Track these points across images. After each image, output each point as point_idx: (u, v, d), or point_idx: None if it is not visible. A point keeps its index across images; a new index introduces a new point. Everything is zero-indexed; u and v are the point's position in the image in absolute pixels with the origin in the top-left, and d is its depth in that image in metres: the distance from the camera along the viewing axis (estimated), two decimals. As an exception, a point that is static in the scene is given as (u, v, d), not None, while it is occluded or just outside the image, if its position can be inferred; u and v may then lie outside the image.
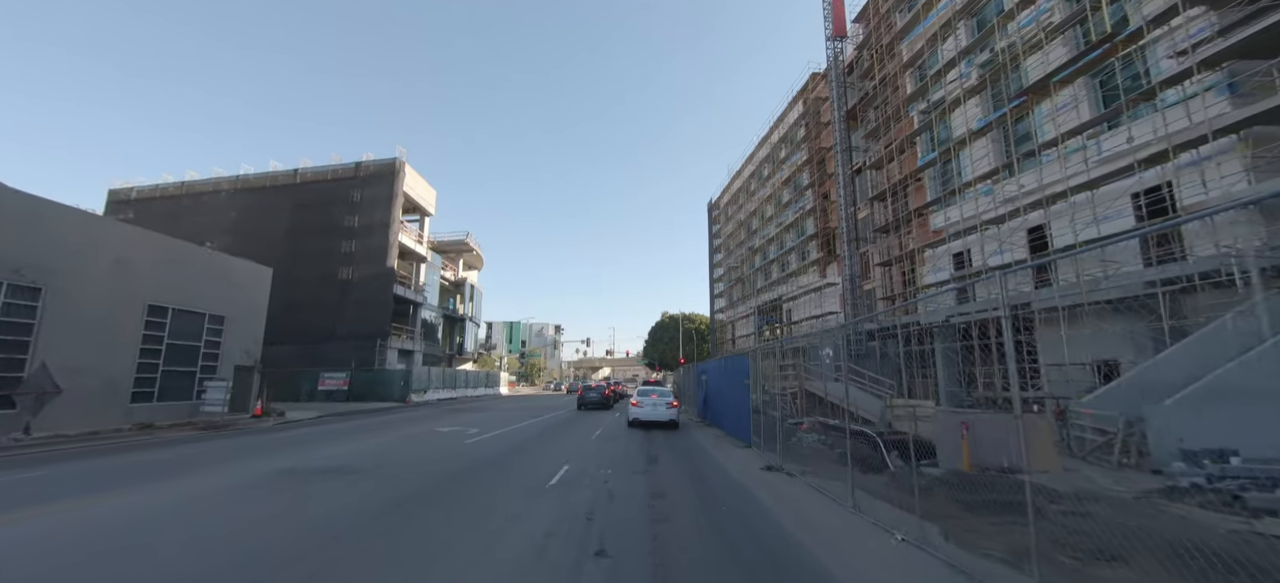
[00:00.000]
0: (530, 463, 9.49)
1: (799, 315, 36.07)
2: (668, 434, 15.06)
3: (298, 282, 34.09)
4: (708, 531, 5.63)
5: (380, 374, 31.62)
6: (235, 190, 37.32)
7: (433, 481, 7.77)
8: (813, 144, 34.30)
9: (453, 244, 51.07)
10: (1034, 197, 17.34)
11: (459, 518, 5.86)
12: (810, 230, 34.32)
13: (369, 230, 33.67)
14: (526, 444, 12.19)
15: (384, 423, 18.47)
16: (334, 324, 32.98)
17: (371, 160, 35.04)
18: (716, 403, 15.60)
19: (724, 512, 6.42)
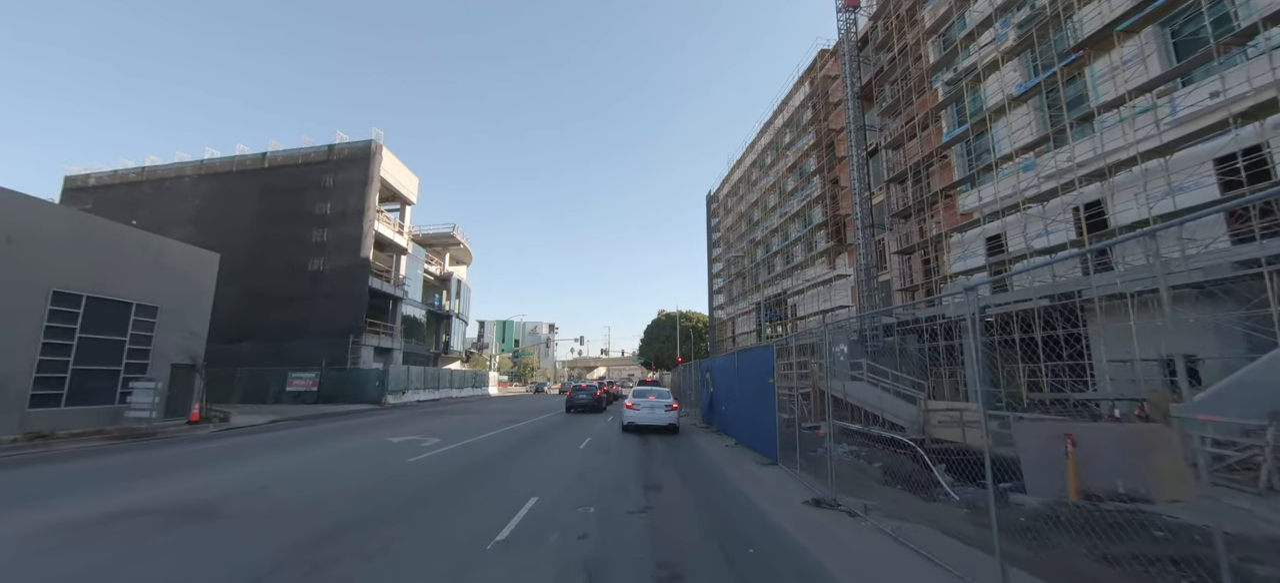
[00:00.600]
0: (484, 496, 7.04)
1: (805, 310, 33.76)
2: (669, 443, 12.66)
3: (265, 273, 31.51)
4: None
5: (353, 374, 29.06)
6: (199, 176, 34.63)
7: (319, 531, 5.27)
8: (820, 127, 31.97)
9: (438, 237, 48.53)
10: (1091, 167, 15.05)
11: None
12: (818, 219, 32.02)
13: (342, 218, 31.08)
14: (491, 462, 9.74)
15: (338, 430, 15.97)
16: (304, 319, 30.39)
17: (346, 142, 32.44)
18: (728, 407, 13.38)
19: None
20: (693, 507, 6.67)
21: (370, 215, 30.88)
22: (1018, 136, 17.70)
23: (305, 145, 33.09)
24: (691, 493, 7.43)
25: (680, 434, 14.77)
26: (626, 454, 10.73)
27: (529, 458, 10.20)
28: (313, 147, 32.93)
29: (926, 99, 22.46)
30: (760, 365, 10.05)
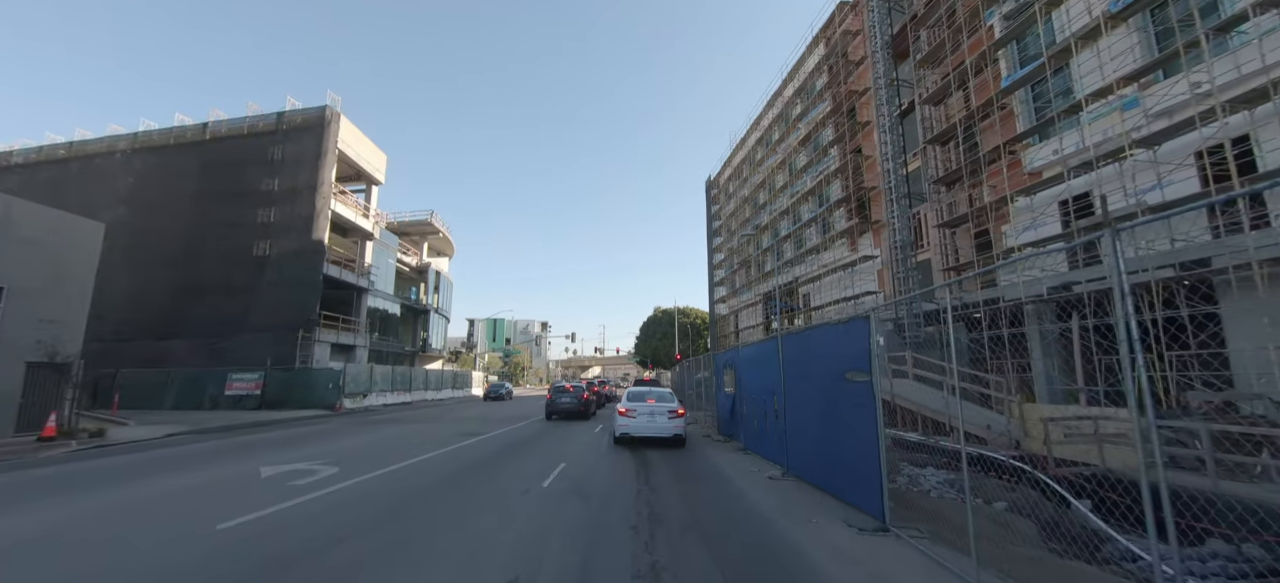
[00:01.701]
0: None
1: (821, 300, 30.00)
2: (681, 471, 8.76)
3: (204, 260, 27.44)
4: None
5: (303, 374, 25.01)
6: (133, 151, 30.45)
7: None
8: (838, 91, 28.17)
9: (414, 225, 44.50)
10: (1233, 93, 11.29)
11: None
12: (835, 195, 28.22)
13: (292, 195, 27.01)
14: (384, 522, 5.76)
15: (230, 448, 12.00)
16: (246, 312, 26.32)
17: (298, 110, 28.36)
18: (766, 419, 9.21)
19: None
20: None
21: (325, 191, 26.82)
22: (1111, 68, 13.94)
23: (252, 114, 28.95)
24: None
25: (691, 452, 10.94)
26: (614, 503, 6.69)
27: (445, 517, 6.04)
28: (260, 115, 28.81)
29: (978, 39, 18.68)
30: (842, 351, 5.99)
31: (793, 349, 7.65)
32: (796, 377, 7.38)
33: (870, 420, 5.44)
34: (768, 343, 8.80)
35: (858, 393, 5.64)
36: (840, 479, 6.32)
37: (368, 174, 32.57)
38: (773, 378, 8.30)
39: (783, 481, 7.67)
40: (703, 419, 17.49)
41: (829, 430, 6.42)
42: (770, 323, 36.73)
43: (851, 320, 5.85)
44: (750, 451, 10.30)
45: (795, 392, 7.48)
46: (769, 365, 8.54)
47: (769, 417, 8.69)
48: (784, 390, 7.74)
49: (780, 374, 7.92)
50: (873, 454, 5.44)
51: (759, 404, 9.35)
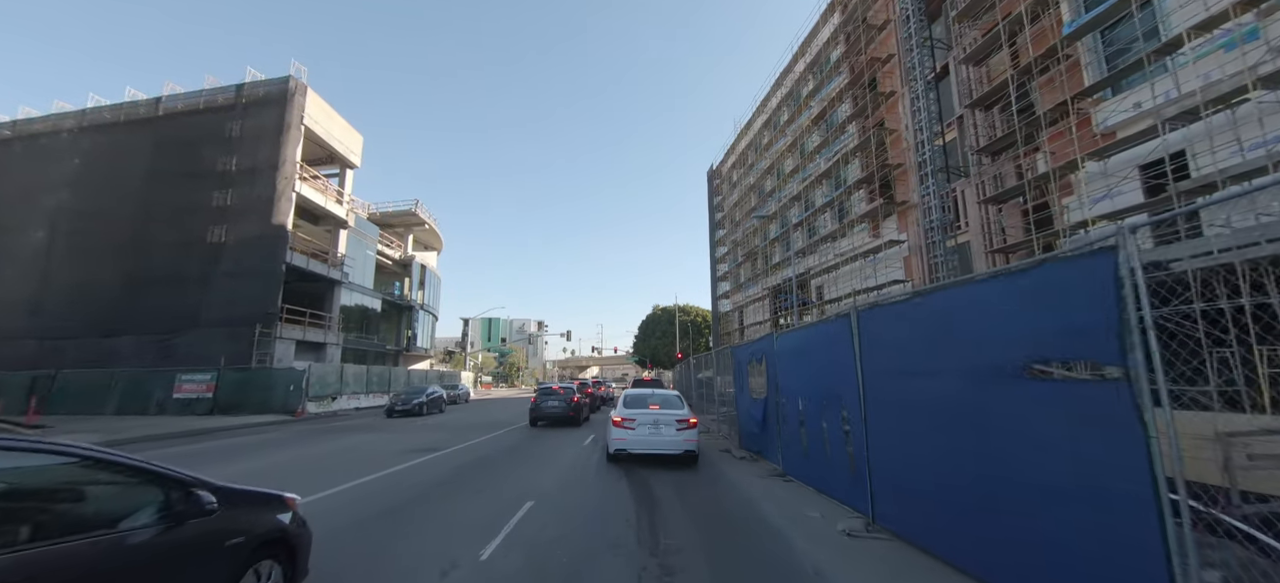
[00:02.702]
0: None
1: (836, 292, 27.38)
2: (706, 520, 5.85)
3: (154, 248, 24.70)
4: None
5: (260, 375, 22.27)
6: (80, 129, 27.66)
7: None
8: (857, 61, 25.55)
9: (398, 216, 41.82)
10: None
11: None
12: (854, 177, 25.59)
13: (251, 176, 24.27)
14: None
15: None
16: (198, 306, 23.57)
17: (259, 81, 25.62)
18: (834, 441, 6.11)
19: None
20: None
21: (287, 171, 24.07)
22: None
23: (210, 87, 26.18)
24: None
25: (711, 477, 8.30)
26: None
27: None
28: (218, 88, 26.05)
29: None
30: (1023, 323, 3.38)
31: (886, 328, 4.83)
32: (894, 373, 4.67)
33: (1132, 465, 2.72)
34: (828, 325, 6.11)
35: (1082, 402, 3.04)
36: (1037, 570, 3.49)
37: (341, 156, 29.82)
38: (836, 376, 5.66)
39: (871, 539, 4.92)
40: (713, 427, 14.82)
41: (995, 472, 3.65)
42: (778, 319, 34.11)
43: (1063, 262, 3.13)
44: (791, 476, 7.60)
45: (891, 398, 4.76)
46: (829, 358, 5.90)
47: (830, 435, 6.06)
48: (862, 396, 5.14)
49: (856, 370, 5.25)
50: (1140, 538, 2.69)
51: (810, 414, 6.70)
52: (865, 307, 5.13)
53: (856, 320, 5.33)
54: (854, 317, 5.33)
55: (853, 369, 5.34)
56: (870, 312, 5.04)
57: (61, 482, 2.56)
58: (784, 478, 7.76)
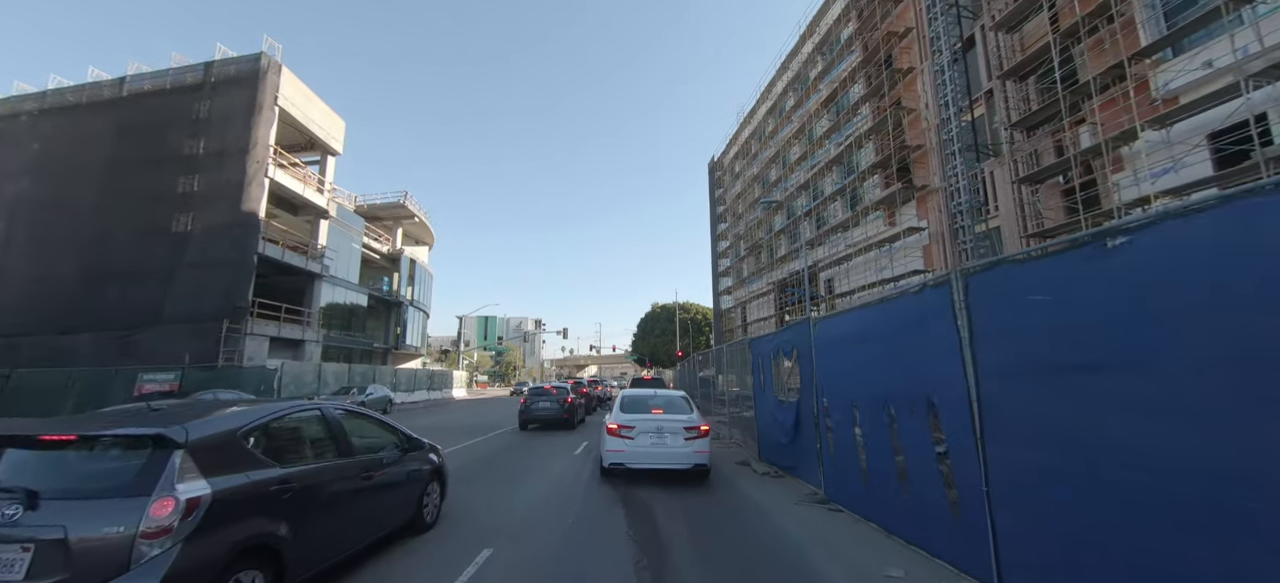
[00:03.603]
0: None
1: (847, 286, 25.79)
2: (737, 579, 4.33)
3: (116, 238, 22.97)
4: None
5: (227, 374, 20.55)
6: (41, 112, 25.85)
7: None
8: (871, 37, 23.92)
9: (386, 208, 40.07)
10: None
11: None
12: (867, 161, 23.95)
13: (219, 160, 22.53)
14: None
15: None
16: (162, 300, 21.84)
17: (229, 58, 23.85)
18: (922, 463, 4.30)
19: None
20: None
21: (258, 154, 22.34)
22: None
23: (176, 65, 24.41)
24: None
25: (729, 500, 6.68)
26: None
27: None
28: (186, 66, 24.28)
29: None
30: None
31: (1032, 295, 3.10)
32: (1052, 368, 2.99)
33: None
34: (905, 303, 4.55)
35: None
36: None
37: (322, 142, 28.07)
38: (920, 374, 4.09)
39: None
40: (723, 432, 13.15)
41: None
42: (784, 315, 32.49)
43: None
44: (839, 505, 5.81)
45: (1041, 407, 3.06)
46: (908, 348, 4.33)
47: (910, 456, 4.37)
48: (973, 403, 3.48)
49: (962, 364, 3.58)
50: None
51: (871, 425, 4.99)
52: (981, 267, 3.45)
53: (963, 291, 3.60)
54: (957, 285, 3.63)
55: (955, 363, 3.66)
56: (997, 273, 3.32)
57: (362, 428, 4.85)
58: (828, 506, 5.99)
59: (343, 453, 4.22)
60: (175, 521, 2.73)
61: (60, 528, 2.59)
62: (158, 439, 2.96)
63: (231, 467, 3.16)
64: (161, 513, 2.70)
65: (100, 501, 2.77)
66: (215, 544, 2.90)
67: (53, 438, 3.04)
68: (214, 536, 2.90)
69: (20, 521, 2.63)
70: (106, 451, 3.05)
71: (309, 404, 4.39)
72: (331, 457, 4.09)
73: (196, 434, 3.06)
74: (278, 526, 3.30)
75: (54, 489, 2.80)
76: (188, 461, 2.93)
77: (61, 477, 2.94)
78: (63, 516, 2.65)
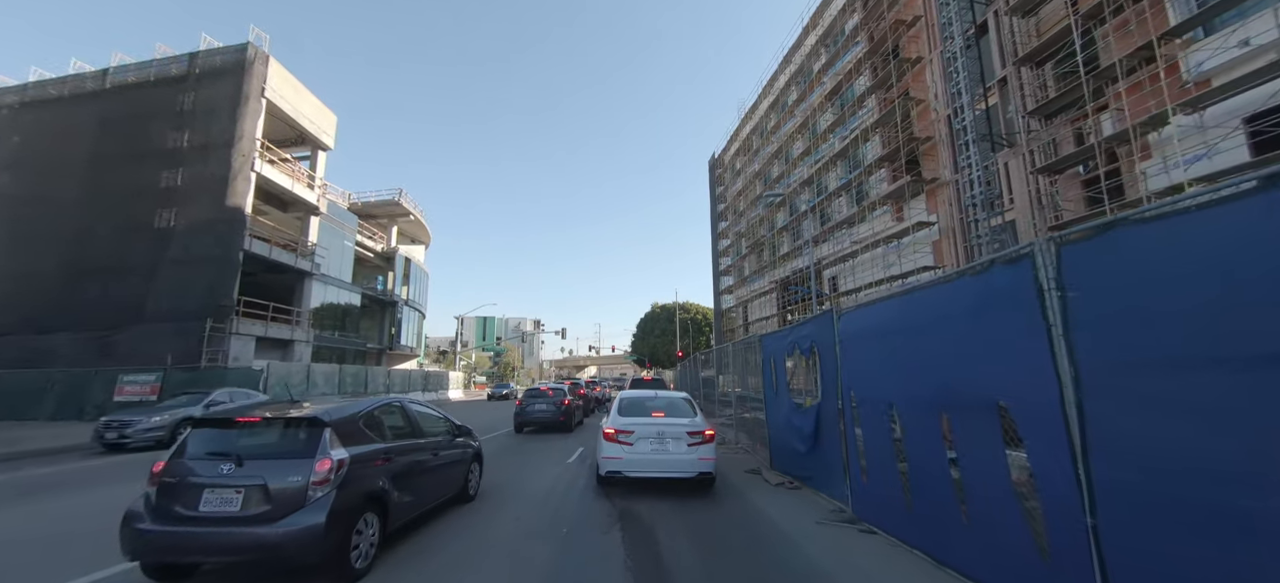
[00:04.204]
0: None
1: (852, 283, 25.05)
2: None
3: (96, 235, 22.21)
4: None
5: (209, 375, 19.73)
6: (22, 105, 25.08)
7: None
8: (877, 27, 23.21)
9: (381, 206, 39.33)
10: None
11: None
12: (873, 155, 23.24)
13: (203, 153, 21.77)
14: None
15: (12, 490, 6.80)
16: (144, 298, 21.07)
17: (215, 49, 23.09)
18: (991, 489, 3.42)
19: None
20: None
21: (244, 148, 21.57)
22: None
23: (160, 55, 23.65)
24: None
25: (739, 514, 5.95)
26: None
27: None
28: (171, 57, 23.52)
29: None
30: None
31: (1132, 272, 2.46)
32: (1205, 364, 2.17)
33: None
34: (965, 285, 3.70)
35: None
36: None
37: (312, 137, 27.31)
38: (989, 373, 3.33)
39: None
40: (728, 436, 12.40)
41: None
42: (786, 313, 31.77)
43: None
44: (871, 525, 5.02)
45: (1213, 418, 2.19)
46: (968, 339, 3.55)
47: (971, 474, 3.58)
48: (1072, 403, 2.68)
49: (1052, 362, 2.81)
50: None
51: (916, 433, 4.19)
52: (1085, 232, 2.66)
53: (1053, 265, 2.79)
54: (1045, 258, 2.83)
55: (1039, 358, 2.89)
56: (1111, 238, 2.50)
57: (427, 418, 5.99)
58: (858, 527, 5.17)
59: (417, 436, 5.59)
60: (331, 474, 3.98)
61: (261, 478, 3.86)
62: (313, 420, 4.27)
63: (356, 440, 4.45)
64: (322, 469, 3.95)
65: (282, 460, 4.03)
66: (352, 492, 4.12)
67: (246, 420, 4.33)
68: (351, 486, 4.12)
69: (233, 474, 3.90)
70: (282, 429, 4.37)
71: (393, 399, 5.75)
72: (410, 438, 5.44)
73: (334, 417, 4.40)
74: (384, 482, 4.60)
75: (250, 453, 4.05)
76: (333, 435, 4.21)
77: (254, 446, 4.17)
78: (260, 470, 3.92)
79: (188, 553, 3.80)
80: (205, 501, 3.82)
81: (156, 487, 3.95)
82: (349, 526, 4.05)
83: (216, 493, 3.83)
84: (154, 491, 3.95)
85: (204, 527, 3.74)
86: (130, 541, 3.79)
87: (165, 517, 3.80)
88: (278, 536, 3.69)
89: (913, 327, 4.21)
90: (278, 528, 3.71)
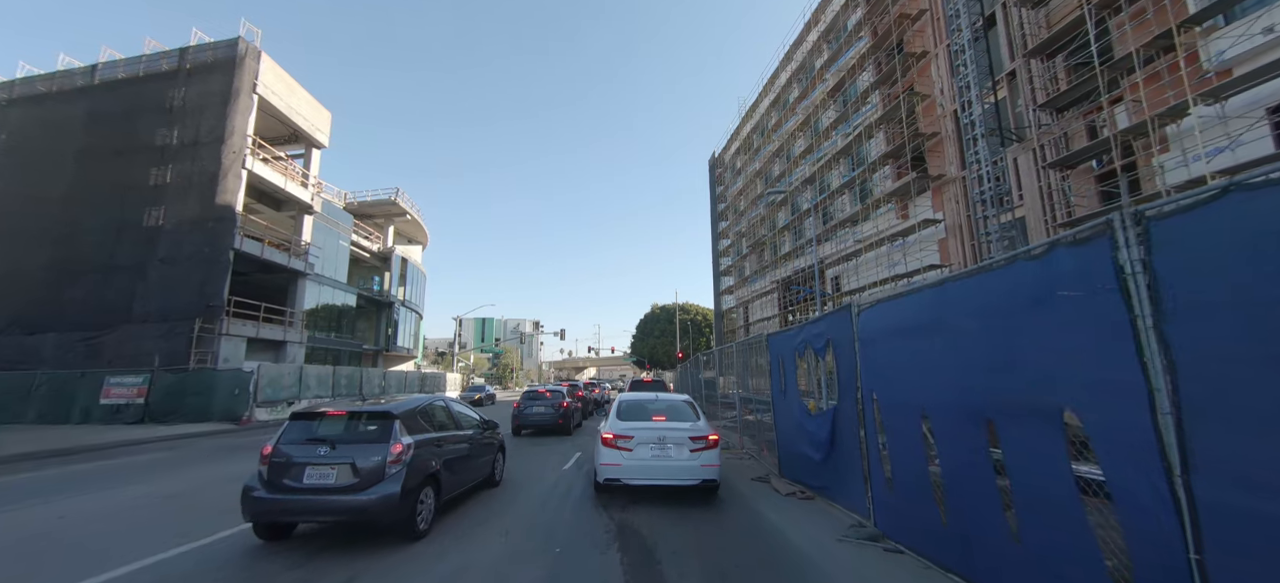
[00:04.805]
0: None
1: (856, 283, 24.62)
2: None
3: (83, 233, 21.73)
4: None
5: (198, 377, 19.27)
6: (9, 102, 24.61)
7: None
8: (880, 22, 22.81)
9: (377, 205, 38.79)
10: None
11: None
12: (877, 151, 22.80)
13: (193, 150, 21.29)
14: None
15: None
16: (131, 298, 20.57)
17: (205, 44, 22.62)
18: (1072, 528, 2.76)
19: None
20: None
21: (235, 144, 21.09)
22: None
23: (150, 50, 23.17)
24: None
25: (749, 528, 5.46)
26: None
27: None
28: (160, 53, 23.03)
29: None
30: None
31: (1246, 248, 1.98)
32: None
33: None
34: (1016, 272, 3.14)
35: None
36: None
37: (306, 134, 26.81)
38: (1045, 372, 2.81)
39: None
40: (733, 440, 11.92)
41: None
42: (788, 314, 31.32)
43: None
44: (898, 544, 4.52)
45: None
46: (1019, 330, 3.07)
47: (1024, 491, 3.06)
48: (1166, 410, 2.15)
49: (1142, 353, 2.28)
50: None
51: (954, 443, 3.67)
52: (1181, 206, 2.19)
53: (1140, 244, 2.34)
54: (1127, 237, 2.38)
55: (1121, 354, 2.42)
56: (1216, 209, 2.02)
57: (463, 413, 7.02)
58: (883, 545, 4.66)
59: (457, 428, 6.63)
60: (402, 455, 5.02)
61: (350, 458, 4.88)
62: (387, 414, 5.27)
63: (416, 429, 5.49)
64: (396, 451, 4.98)
65: (365, 444, 5.01)
66: (417, 470, 5.15)
67: (335, 414, 5.27)
68: (416, 465, 5.15)
69: (328, 455, 4.91)
70: (363, 421, 5.28)
71: (437, 398, 6.72)
72: (453, 429, 6.45)
73: (400, 411, 5.39)
74: (437, 463, 5.59)
75: (340, 440, 5.06)
76: (401, 425, 5.23)
77: (342, 433, 5.14)
78: (349, 452, 4.93)
79: (297, 516, 4.94)
80: (308, 476, 4.85)
81: (268, 465, 4.93)
82: (415, 496, 5.12)
83: (316, 470, 4.88)
84: (265, 469, 4.93)
85: (308, 495, 4.79)
86: (250, 507, 4.82)
87: (277, 488, 4.83)
88: (365, 502, 4.73)
89: (950, 322, 3.73)
90: (364, 497, 4.76)
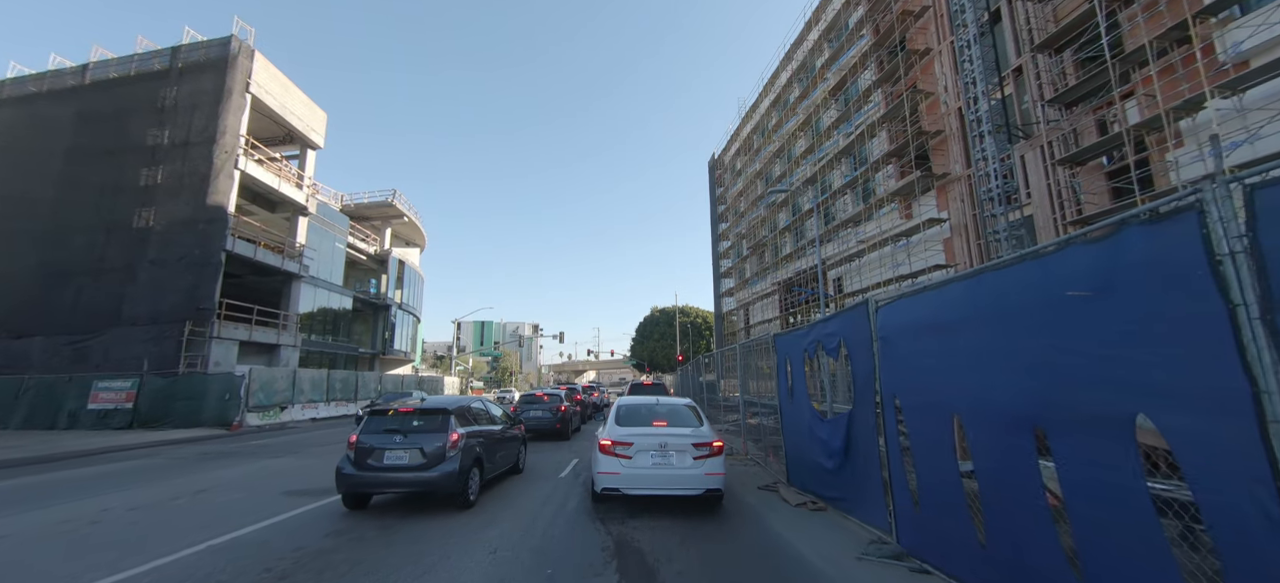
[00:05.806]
0: None
1: (859, 284, 24.26)
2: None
3: (72, 235, 21.30)
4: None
5: (187, 382, 18.87)
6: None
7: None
8: (882, 19, 22.53)
9: (374, 208, 38.43)
10: None
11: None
12: (880, 150, 22.47)
13: (184, 150, 20.91)
14: None
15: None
16: (120, 301, 20.15)
17: (197, 43, 22.27)
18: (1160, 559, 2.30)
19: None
20: None
21: (227, 144, 20.72)
22: None
23: (141, 49, 22.81)
24: None
25: (758, 546, 5.04)
26: None
27: None
28: (151, 52, 22.68)
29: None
30: None
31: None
32: None
33: None
34: (1072, 255, 2.66)
35: None
36: None
37: (301, 135, 26.46)
38: (1110, 373, 2.39)
39: None
40: (734, 443, 11.52)
41: None
42: (789, 316, 30.94)
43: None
44: (914, 555, 4.24)
45: None
46: (1076, 326, 2.62)
47: (1103, 508, 2.50)
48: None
49: (1244, 351, 1.90)
50: None
51: (993, 453, 3.27)
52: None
53: (1241, 216, 2.00)
54: (1220, 209, 2.03)
55: (1217, 352, 2.06)
56: None
57: (494, 411, 8.63)
58: (908, 565, 4.25)
59: (492, 423, 8.02)
60: (459, 441, 6.60)
61: (419, 443, 6.45)
62: (444, 409, 6.89)
63: (465, 422, 7.03)
64: (454, 438, 6.55)
65: (429, 433, 6.54)
66: (468, 454, 6.69)
67: (406, 410, 6.80)
68: (467, 450, 6.68)
69: (401, 442, 6.44)
70: (427, 415, 6.77)
71: (474, 399, 8.27)
72: (487, 424, 7.80)
73: (453, 407, 7.01)
74: (480, 449, 7.10)
75: (409, 430, 6.57)
76: (455, 419, 6.77)
77: (410, 425, 6.61)
78: (417, 440, 6.49)
79: (378, 488, 6.45)
80: (386, 458, 6.37)
81: (354, 451, 6.43)
82: (467, 473, 6.56)
83: (392, 453, 6.38)
84: (352, 453, 6.45)
85: (388, 473, 6.34)
86: (343, 482, 6.37)
87: (363, 468, 6.34)
88: (432, 477, 6.29)
89: (986, 317, 3.32)
90: (432, 473, 6.30)
